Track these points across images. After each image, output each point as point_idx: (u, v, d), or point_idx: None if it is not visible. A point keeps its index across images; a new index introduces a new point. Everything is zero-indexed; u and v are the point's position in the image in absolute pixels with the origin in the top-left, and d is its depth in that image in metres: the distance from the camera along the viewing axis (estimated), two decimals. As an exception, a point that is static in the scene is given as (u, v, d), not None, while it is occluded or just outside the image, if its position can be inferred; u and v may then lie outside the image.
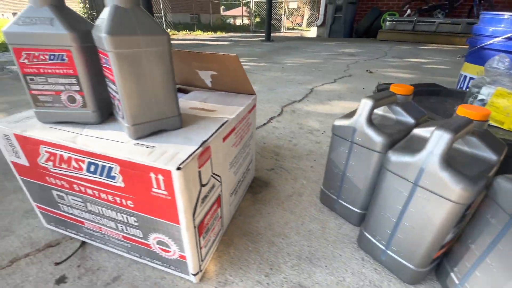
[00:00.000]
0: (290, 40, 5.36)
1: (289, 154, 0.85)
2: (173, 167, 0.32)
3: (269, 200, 0.64)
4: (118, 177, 0.36)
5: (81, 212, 0.45)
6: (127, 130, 0.37)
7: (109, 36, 0.30)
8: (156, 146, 0.36)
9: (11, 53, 0.37)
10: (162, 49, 0.35)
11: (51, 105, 0.41)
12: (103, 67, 0.36)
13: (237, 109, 0.51)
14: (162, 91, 0.37)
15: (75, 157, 0.38)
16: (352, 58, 2.80)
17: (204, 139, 0.38)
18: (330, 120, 1.12)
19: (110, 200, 0.40)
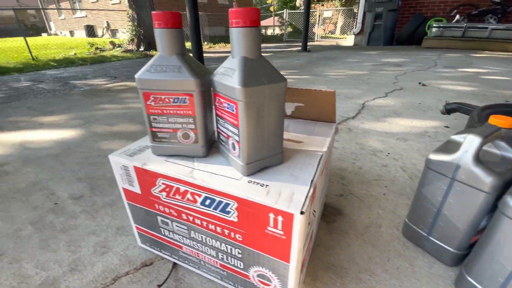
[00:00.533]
0: (326, 49, 5.31)
1: (356, 178, 0.82)
2: (296, 210, 0.33)
3: (346, 231, 0.62)
4: (233, 212, 0.38)
5: (182, 237, 0.48)
6: (240, 168, 0.39)
7: (243, 88, 0.33)
8: (269, 185, 0.37)
9: (140, 96, 0.41)
10: (281, 93, 0.37)
11: (167, 141, 0.45)
12: (224, 110, 0.39)
13: (324, 140, 0.51)
14: (274, 131, 0.39)
15: (192, 191, 0.41)
16: (399, 69, 2.68)
17: (311, 178, 0.39)
18: (392, 140, 1.08)
19: (218, 231, 0.42)
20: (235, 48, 0.35)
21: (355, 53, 4.33)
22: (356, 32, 6.21)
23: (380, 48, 4.98)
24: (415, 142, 1.05)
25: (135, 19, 6.01)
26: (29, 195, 0.80)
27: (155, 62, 0.40)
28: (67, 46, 7.29)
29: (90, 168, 0.94)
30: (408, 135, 1.13)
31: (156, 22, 0.38)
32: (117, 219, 0.69)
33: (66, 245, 0.60)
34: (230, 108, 0.37)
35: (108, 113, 1.55)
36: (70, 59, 4.75)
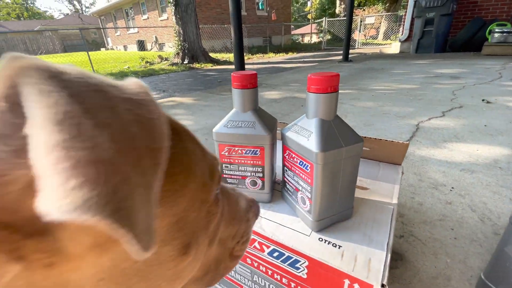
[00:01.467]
0: (370, 58, 5.08)
1: (417, 217, 0.77)
2: (376, 282, 0.32)
3: (410, 280, 0.58)
4: (303, 269, 0.38)
5: (243, 278, 0.50)
6: (310, 223, 0.40)
7: (321, 153, 0.33)
8: (342, 246, 0.37)
9: (215, 148, 0.44)
10: (358, 153, 0.36)
11: (235, 186, 0.47)
12: (295, 165, 0.40)
13: (393, 188, 0.49)
14: (347, 188, 0.39)
15: (260, 241, 0.42)
16: (456, 82, 2.44)
17: (386, 240, 0.37)
18: (455, 172, 0.98)
19: (284, 282, 0.42)
20: (312, 110, 0.36)
21: (403, 63, 4.07)
22: (402, 39, 5.85)
23: (431, 56, 4.61)
24: (484, 175, 0.95)
25: (181, 34, 6.47)
26: None
27: (231, 118, 0.42)
28: (122, 60, 8.09)
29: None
30: (474, 165, 1.02)
31: (234, 83, 0.40)
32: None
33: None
34: (304, 166, 0.37)
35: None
36: (124, 73, 5.28)
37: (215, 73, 4.81)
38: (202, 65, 6.24)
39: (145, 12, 12.81)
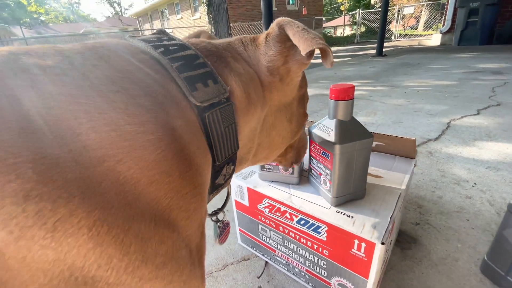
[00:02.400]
0: (406, 52, 4.86)
1: (435, 208, 0.83)
2: (378, 241, 0.43)
3: (420, 259, 0.67)
4: (323, 233, 0.50)
5: (276, 243, 0.63)
6: (330, 200, 0.51)
7: (338, 145, 0.45)
8: (354, 217, 0.48)
9: (257, 140, 0.58)
10: (368, 146, 0.47)
11: (271, 171, 0.60)
12: (319, 155, 0.52)
13: (404, 177, 0.58)
14: (360, 174, 0.50)
15: (290, 212, 0.55)
16: (498, 78, 2.31)
17: (390, 214, 0.48)
18: (480, 169, 1.01)
19: (308, 245, 0.55)
20: (333, 112, 0.48)
21: (442, 57, 3.86)
22: (444, 31, 5.48)
23: (475, 49, 4.28)
24: (509, 173, 0.97)
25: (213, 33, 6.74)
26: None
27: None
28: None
29: (194, 174, 1.20)
30: (501, 163, 1.03)
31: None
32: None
33: (187, 235, 0.83)
34: (326, 155, 0.49)
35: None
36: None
37: (246, 71, 4.95)
38: (233, 63, 6.42)
39: (179, 12, 13.39)
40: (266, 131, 0.33)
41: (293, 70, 0.31)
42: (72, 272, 0.14)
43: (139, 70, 0.21)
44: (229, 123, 0.25)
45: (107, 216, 0.15)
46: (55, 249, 0.13)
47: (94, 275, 0.15)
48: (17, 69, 0.16)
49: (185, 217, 0.20)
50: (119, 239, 0.15)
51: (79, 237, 0.14)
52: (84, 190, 0.14)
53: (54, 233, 0.13)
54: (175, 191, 0.19)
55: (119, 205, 0.16)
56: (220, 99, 0.25)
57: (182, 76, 0.23)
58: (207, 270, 0.70)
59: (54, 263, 0.14)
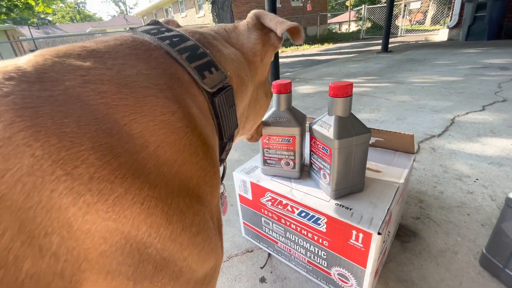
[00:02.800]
0: (412, 48, 4.80)
1: (436, 203, 0.85)
2: (374, 231, 0.45)
3: (420, 252, 0.69)
4: (323, 225, 0.52)
5: (278, 235, 0.66)
6: (329, 193, 0.54)
7: (337, 140, 0.47)
8: (353, 209, 0.50)
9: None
10: (366, 141, 0.49)
11: (273, 166, 0.62)
12: (319, 150, 0.54)
13: (402, 172, 0.60)
14: (358, 168, 0.52)
15: (291, 204, 0.57)
16: (504, 74, 2.28)
17: (388, 207, 0.50)
18: (483, 165, 1.02)
19: (309, 236, 0.57)
20: (332, 109, 0.49)
21: (449, 52, 3.80)
22: (451, 26, 5.38)
23: (483, 44, 4.21)
24: (513, 169, 0.97)
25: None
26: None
27: (272, 115, 0.57)
28: (164, 57, 8.63)
29: (199, 170, 1.23)
30: (504, 159, 1.03)
31: (274, 90, 0.55)
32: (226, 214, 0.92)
33: (193, 228, 0.86)
34: (325, 150, 0.51)
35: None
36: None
37: (250, 68, 4.96)
38: (237, 60, 6.44)
39: (183, 10, 13.43)
40: (252, 106, 0.38)
41: (269, 52, 0.36)
42: (127, 240, 0.17)
43: (159, 65, 0.24)
44: (231, 105, 0.29)
45: (154, 192, 0.18)
46: (114, 220, 0.16)
47: (145, 242, 0.17)
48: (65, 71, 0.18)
49: (210, 192, 0.23)
50: (164, 211, 0.18)
51: (134, 211, 0.17)
52: (133, 171, 0.17)
53: (114, 207, 0.16)
54: (202, 169, 0.22)
55: (162, 183, 0.18)
56: (223, 84, 0.28)
57: (192, 66, 0.26)
58: (213, 261, 0.73)
59: (113, 233, 0.16)
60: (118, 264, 0.17)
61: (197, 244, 0.20)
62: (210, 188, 0.23)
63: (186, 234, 0.19)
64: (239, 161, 1.27)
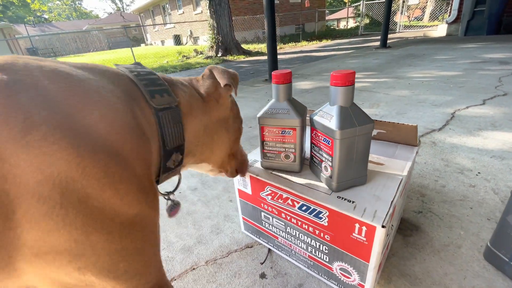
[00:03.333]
0: (411, 44, 4.78)
1: (438, 197, 0.83)
2: (378, 224, 0.43)
3: (423, 246, 0.67)
4: (325, 218, 0.51)
5: (279, 230, 0.64)
6: (331, 185, 0.52)
7: (339, 130, 0.45)
8: (355, 202, 0.49)
9: (258, 129, 0.58)
10: (369, 132, 0.47)
11: (273, 159, 0.61)
12: (320, 142, 0.52)
13: (405, 164, 0.59)
14: (361, 159, 0.50)
15: (292, 198, 0.55)
16: (504, 68, 2.27)
17: (391, 199, 0.48)
18: (485, 158, 1.00)
19: (310, 230, 0.55)
20: (333, 99, 0.48)
21: (448, 47, 3.79)
22: (450, 21, 5.37)
23: (482, 39, 4.20)
24: (516, 162, 0.96)
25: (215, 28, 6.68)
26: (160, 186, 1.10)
27: (271, 106, 0.56)
28: (160, 55, 8.59)
29: (198, 166, 1.21)
30: (506, 153, 1.02)
31: (274, 80, 0.53)
32: (223, 208, 0.90)
33: (192, 224, 0.85)
34: (326, 141, 0.49)
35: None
36: (164, 67, 5.66)
37: (248, 65, 4.95)
38: (235, 57, 6.41)
39: (181, 7, 13.31)
40: (209, 135, 0.46)
41: (222, 95, 0.47)
42: (59, 172, 0.22)
43: (121, 85, 0.33)
44: (176, 122, 0.38)
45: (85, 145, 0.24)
46: (49, 155, 0.22)
47: (73, 176, 0.23)
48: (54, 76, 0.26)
49: (137, 157, 0.29)
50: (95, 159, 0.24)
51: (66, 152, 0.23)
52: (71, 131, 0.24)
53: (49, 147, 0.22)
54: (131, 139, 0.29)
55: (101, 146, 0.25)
56: (171, 105, 0.37)
57: (146, 89, 0.35)
58: (212, 257, 0.71)
59: (48, 165, 0.22)
60: (50, 190, 0.22)
61: (118, 189, 0.26)
62: (137, 155, 0.29)
63: (108, 179, 0.25)
64: (238, 157, 1.25)
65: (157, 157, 0.36)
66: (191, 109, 0.41)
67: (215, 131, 0.47)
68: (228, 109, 0.49)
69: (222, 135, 0.49)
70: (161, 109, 0.36)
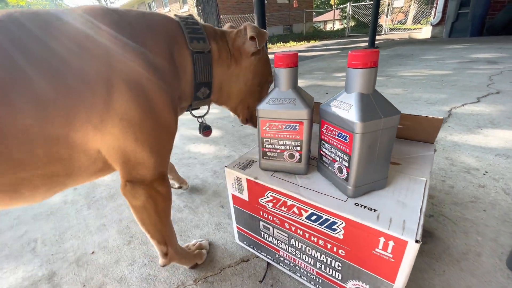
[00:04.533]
0: (398, 44, 4.84)
1: (447, 198, 0.77)
2: (411, 239, 0.35)
3: (440, 255, 0.60)
4: (340, 230, 0.42)
5: (280, 242, 0.55)
6: (346, 190, 0.43)
7: (361, 123, 0.37)
8: (377, 210, 0.40)
9: (258, 123, 0.49)
10: (395, 125, 0.39)
11: (274, 159, 0.51)
12: (333, 137, 0.43)
13: (425, 164, 0.51)
14: (383, 158, 0.42)
15: (298, 206, 0.46)
16: (493, 67, 2.29)
17: (419, 206, 0.40)
18: (489, 156, 0.96)
19: (320, 244, 0.47)
20: (351, 84, 0.39)
21: (435, 48, 3.85)
22: (434, 23, 5.49)
23: (466, 40, 4.30)
24: (522, 160, 0.92)
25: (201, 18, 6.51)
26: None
27: (273, 96, 0.46)
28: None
29: (185, 168, 1.10)
30: (510, 151, 0.98)
31: (277, 63, 0.44)
32: (214, 216, 0.80)
33: (178, 234, 0.74)
34: (342, 137, 0.41)
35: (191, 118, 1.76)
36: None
37: (237, 63, 4.82)
38: (223, 56, 6.26)
39: (167, 5, 13.01)
40: (229, 79, 0.56)
41: (246, 50, 0.55)
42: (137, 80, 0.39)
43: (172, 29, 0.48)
44: (206, 63, 0.50)
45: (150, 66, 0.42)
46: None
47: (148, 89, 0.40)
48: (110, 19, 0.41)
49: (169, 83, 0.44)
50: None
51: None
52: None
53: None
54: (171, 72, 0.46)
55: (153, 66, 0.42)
56: (204, 50, 0.50)
57: (188, 36, 0.48)
58: (201, 274, 0.61)
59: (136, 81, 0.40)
60: (133, 84, 0.38)
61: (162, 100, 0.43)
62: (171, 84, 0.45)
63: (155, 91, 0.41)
64: (230, 157, 1.16)
65: (190, 87, 0.51)
66: (219, 58, 0.53)
67: (234, 81, 0.56)
68: (250, 65, 0.56)
69: (238, 84, 0.57)
70: (196, 52, 0.49)
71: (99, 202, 0.92)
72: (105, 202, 0.92)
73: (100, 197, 0.95)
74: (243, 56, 0.54)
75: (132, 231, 0.77)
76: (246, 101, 0.61)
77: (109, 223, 0.81)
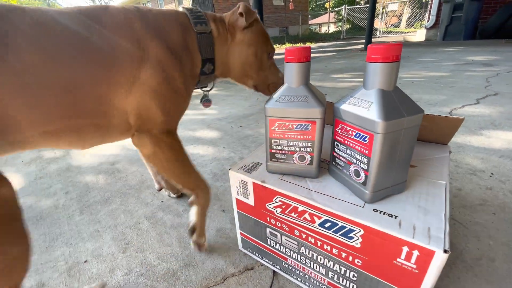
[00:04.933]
0: (392, 47, 4.88)
1: (456, 201, 0.75)
2: (438, 248, 0.32)
3: (453, 261, 0.58)
4: (357, 238, 0.39)
5: (289, 251, 0.52)
6: (363, 195, 0.40)
7: (384, 122, 0.34)
8: (398, 216, 0.37)
9: (266, 123, 0.46)
10: (417, 124, 0.36)
11: (283, 161, 0.48)
12: (350, 138, 0.40)
13: (442, 166, 0.48)
14: (404, 161, 0.39)
15: (311, 212, 0.43)
16: (489, 69, 2.31)
17: (443, 211, 0.37)
18: (494, 158, 0.94)
19: (334, 253, 0.43)
20: (371, 80, 0.36)
21: (430, 50, 3.88)
22: (428, 26, 5.56)
23: (460, 43, 4.36)
24: (527, 162, 0.90)
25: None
26: (140, 192, 0.94)
27: (283, 93, 0.43)
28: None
29: (183, 170, 1.06)
30: (515, 152, 0.97)
31: (288, 57, 0.41)
32: (215, 220, 0.76)
33: (177, 241, 0.70)
34: (361, 137, 0.38)
35: (189, 119, 1.72)
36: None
37: (233, 64, 4.79)
38: (219, 57, 6.23)
39: (162, 5, 12.92)
40: (228, 53, 0.64)
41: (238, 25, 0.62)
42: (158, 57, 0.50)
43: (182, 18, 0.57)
44: (209, 43, 0.60)
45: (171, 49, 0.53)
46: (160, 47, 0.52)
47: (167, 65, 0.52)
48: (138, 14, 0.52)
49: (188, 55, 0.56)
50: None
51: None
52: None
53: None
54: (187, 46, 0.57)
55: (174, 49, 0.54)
56: (206, 31, 0.59)
57: (193, 21, 0.58)
58: (204, 284, 0.57)
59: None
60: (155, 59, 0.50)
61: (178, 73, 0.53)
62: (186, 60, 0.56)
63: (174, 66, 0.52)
64: (229, 159, 1.12)
65: (199, 63, 0.59)
66: (219, 36, 0.61)
67: (232, 54, 0.64)
68: (244, 37, 0.63)
69: (238, 59, 0.64)
70: (200, 33, 0.58)
71: (92, 207, 0.87)
72: (99, 206, 0.87)
73: (93, 201, 0.91)
74: (237, 31, 0.62)
75: (128, 238, 0.73)
76: (247, 71, 0.67)
77: (103, 229, 0.77)
